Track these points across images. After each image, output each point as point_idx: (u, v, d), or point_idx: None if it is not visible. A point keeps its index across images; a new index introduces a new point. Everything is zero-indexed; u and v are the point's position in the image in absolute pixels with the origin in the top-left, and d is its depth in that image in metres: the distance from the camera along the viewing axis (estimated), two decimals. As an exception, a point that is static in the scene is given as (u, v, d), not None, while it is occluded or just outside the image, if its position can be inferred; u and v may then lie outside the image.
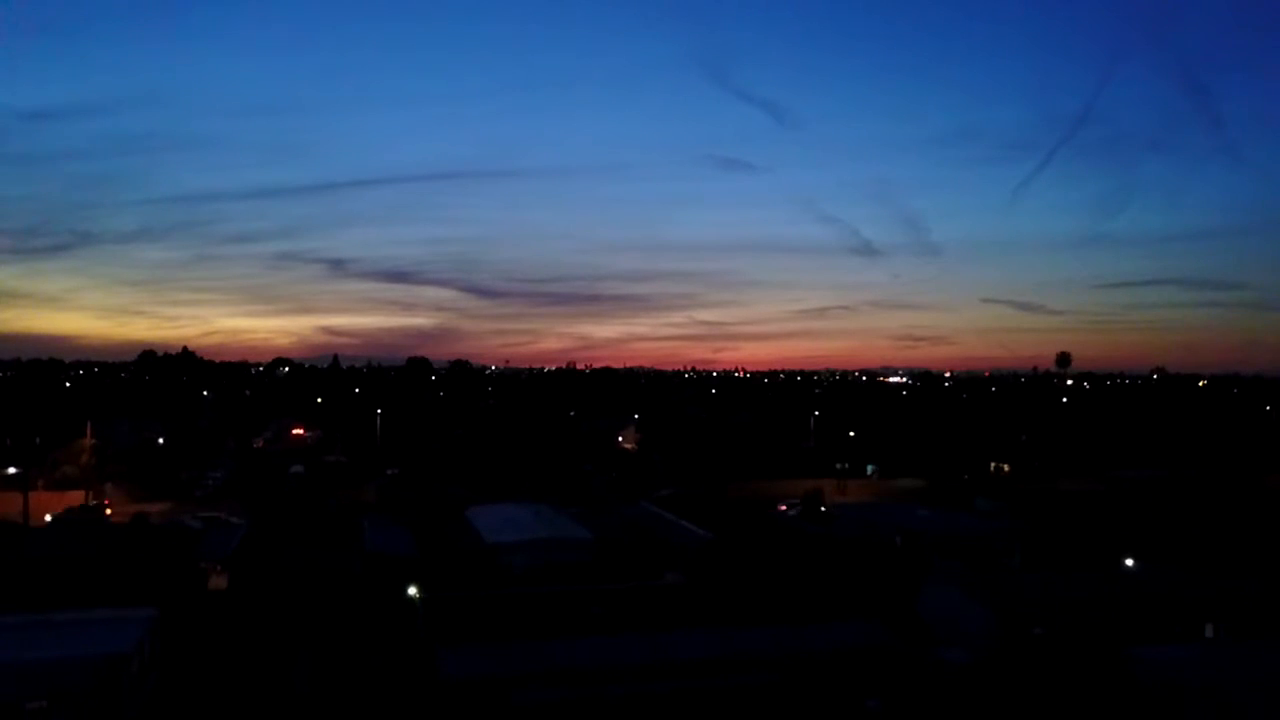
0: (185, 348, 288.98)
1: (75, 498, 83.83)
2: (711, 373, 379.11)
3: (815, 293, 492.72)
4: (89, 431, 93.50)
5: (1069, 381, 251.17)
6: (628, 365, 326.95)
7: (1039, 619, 45.39)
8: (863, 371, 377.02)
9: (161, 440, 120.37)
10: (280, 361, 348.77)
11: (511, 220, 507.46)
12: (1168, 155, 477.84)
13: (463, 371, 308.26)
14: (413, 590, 48.27)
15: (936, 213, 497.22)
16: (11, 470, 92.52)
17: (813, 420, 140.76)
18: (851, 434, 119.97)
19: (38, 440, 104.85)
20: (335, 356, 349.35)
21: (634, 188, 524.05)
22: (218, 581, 57.18)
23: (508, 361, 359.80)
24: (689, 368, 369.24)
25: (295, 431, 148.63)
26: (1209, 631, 46.34)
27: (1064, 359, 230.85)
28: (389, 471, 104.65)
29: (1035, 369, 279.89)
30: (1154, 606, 47.33)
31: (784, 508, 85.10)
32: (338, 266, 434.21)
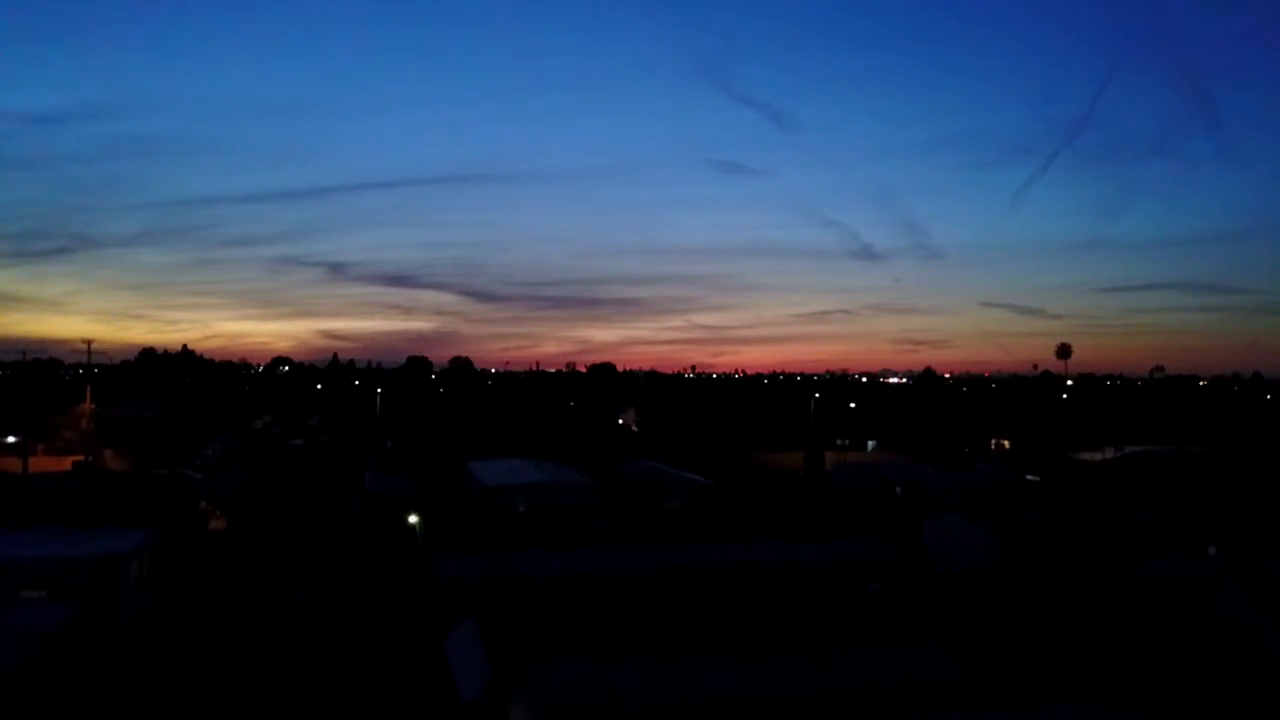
0: (185, 346, 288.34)
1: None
2: (711, 374, 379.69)
3: (815, 296, 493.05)
4: (88, 396, 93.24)
5: (1069, 382, 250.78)
6: (627, 368, 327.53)
7: (1042, 544, 45.21)
8: (863, 374, 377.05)
9: (163, 419, 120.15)
10: (280, 360, 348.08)
11: (511, 224, 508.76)
12: (1168, 159, 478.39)
13: (463, 368, 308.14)
14: (413, 519, 48.19)
15: (937, 216, 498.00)
16: (11, 439, 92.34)
17: (813, 402, 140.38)
18: (852, 405, 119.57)
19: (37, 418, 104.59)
20: (335, 355, 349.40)
21: (634, 191, 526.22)
22: (217, 524, 57.09)
23: (508, 364, 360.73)
24: (689, 369, 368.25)
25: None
26: (1211, 554, 46.23)
27: (1064, 350, 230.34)
28: (388, 444, 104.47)
29: (1035, 366, 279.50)
30: (1157, 533, 47.22)
31: None
32: (338, 270, 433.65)
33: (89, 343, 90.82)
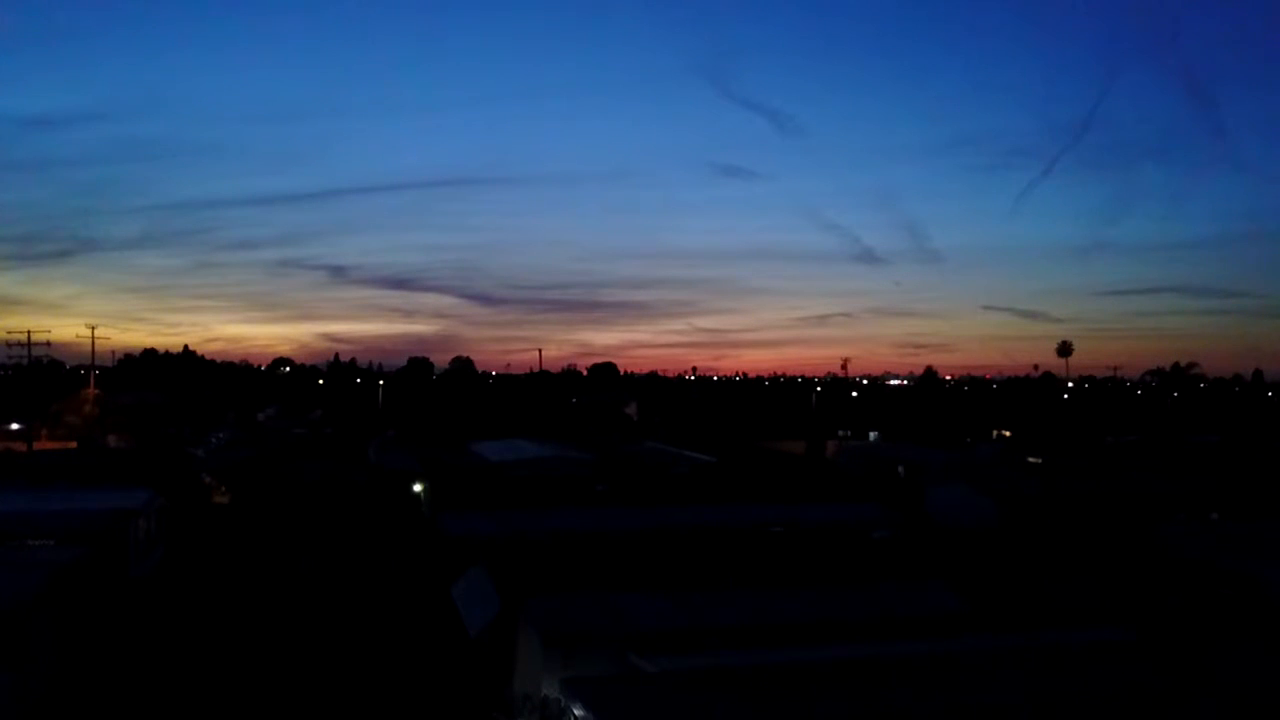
0: (186, 346, 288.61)
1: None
2: (712, 377, 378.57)
3: (816, 300, 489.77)
4: (92, 382, 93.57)
5: (1069, 384, 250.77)
6: (628, 371, 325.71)
7: (1047, 508, 45.37)
8: (864, 377, 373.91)
9: (165, 407, 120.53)
10: (281, 361, 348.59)
11: (512, 227, 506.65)
12: (1170, 163, 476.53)
13: (465, 367, 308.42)
14: (417, 487, 48.40)
15: (938, 220, 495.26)
16: (15, 426, 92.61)
17: (814, 394, 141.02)
18: (854, 394, 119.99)
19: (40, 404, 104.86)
20: (336, 355, 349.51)
21: (635, 195, 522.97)
22: (221, 498, 57.34)
23: (508, 366, 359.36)
24: (690, 371, 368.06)
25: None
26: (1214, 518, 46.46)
27: (1065, 348, 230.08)
28: (389, 432, 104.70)
29: (1036, 367, 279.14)
30: (1160, 498, 47.46)
31: None
32: (339, 273, 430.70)
33: (94, 327, 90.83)
